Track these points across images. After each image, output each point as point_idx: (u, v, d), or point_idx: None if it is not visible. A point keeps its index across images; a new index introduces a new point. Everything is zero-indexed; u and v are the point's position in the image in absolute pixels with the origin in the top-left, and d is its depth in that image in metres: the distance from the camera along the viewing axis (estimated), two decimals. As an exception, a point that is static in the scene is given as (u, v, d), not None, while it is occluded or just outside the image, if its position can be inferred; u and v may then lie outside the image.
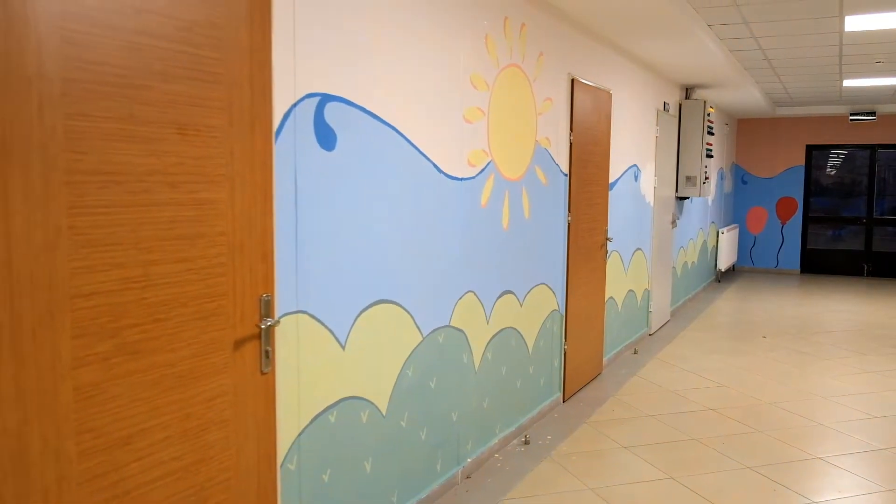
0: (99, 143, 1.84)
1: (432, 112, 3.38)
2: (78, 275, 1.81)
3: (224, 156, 2.21)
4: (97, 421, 1.89)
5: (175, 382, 2.10)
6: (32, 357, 1.72)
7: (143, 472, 2.02)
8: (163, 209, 2.03)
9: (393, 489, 3.25)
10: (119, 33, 1.88)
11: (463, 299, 3.76)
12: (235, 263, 2.28)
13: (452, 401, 3.72)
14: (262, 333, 2.40)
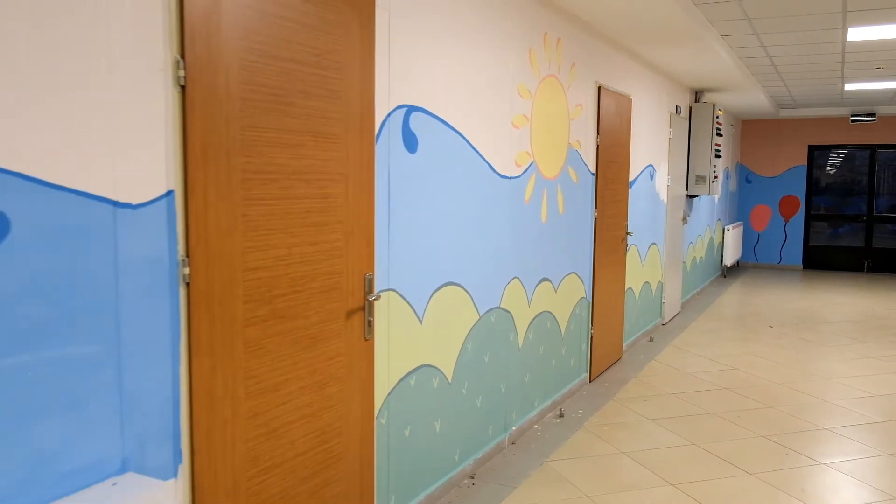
0: (262, 148, 2.32)
1: (488, 118, 3.86)
2: (247, 253, 2.30)
3: (342, 158, 2.70)
4: (257, 370, 2.37)
5: (307, 343, 2.59)
6: (220, 317, 2.20)
7: (285, 413, 2.50)
8: (301, 202, 2.51)
9: (456, 447, 3.73)
10: (276, 61, 2.36)
11: (510, 284, 4.25)
12: (348, 247, 2.76)
13: (501, 374, 4.20)
14: (366, 306, 2.88)
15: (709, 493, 3.69)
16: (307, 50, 2.49)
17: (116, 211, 1.90)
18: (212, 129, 2.13)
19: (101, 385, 1.88)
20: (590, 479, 3.86)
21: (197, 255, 2.11)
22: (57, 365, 1.77)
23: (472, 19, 3.66)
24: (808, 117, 12.54)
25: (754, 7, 5.20)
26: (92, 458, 1.87)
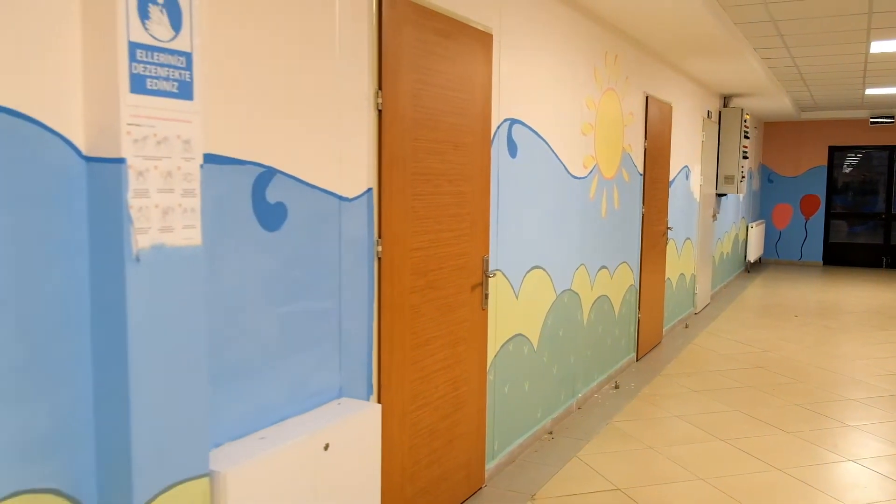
0: (422, 155, 3.01)
1: (564, 127, 4.53)
2: (413, 236, 2.98)
3: (471, 162, 3.38)
4: (417, 328, 3.06)
5: (446, 309, 3.27)
6: (397, 285, 2.89)
7: (433, 363, 3.19)
8: (444, 197, 3.20)
9: (538, 407, 4.41)
10: (431, 87, 3.05)
11: (578, 269, 4.92)
12: (473, 234, 3.45)
13: (570, 347, 4.87)
14: (483, 282, 3.57)
15: (754, 447, 4.34)
16: (448, 76, 3.18)
17: (341, 203, 2.59)
18: (395, 142, 2.82)
19: (330, 332, 2.58)
20: (650, 435, 4.53)
21: (385, 237, 2.80)
22: (308, 315, 2.47)
23: (554, 45, 4.33)
24: (829, 119, 13.12)
25: (787, 25, 5.85)
26: (324, 385, 2.57)
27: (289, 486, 2.18)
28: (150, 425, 1.77)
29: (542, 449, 4.27)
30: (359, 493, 2.50)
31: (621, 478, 3.87)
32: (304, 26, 2.37)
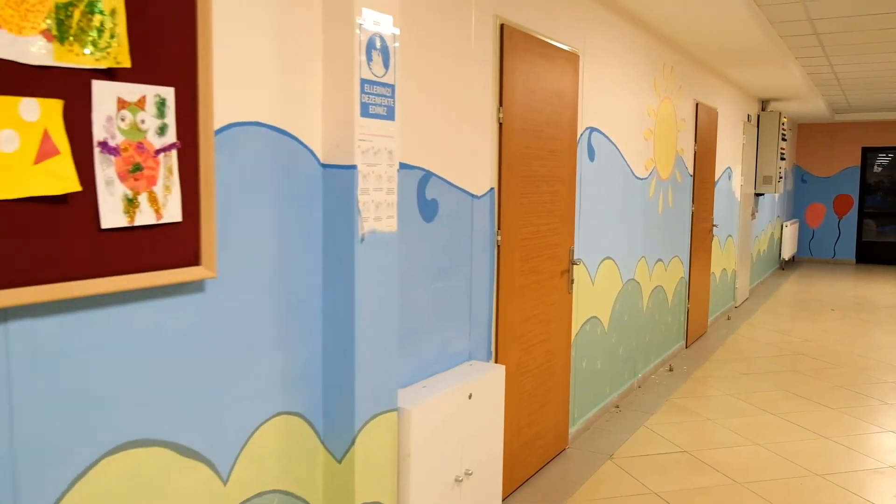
0: (528, 160, 3.57)
1: (629, 133, 5.07)
2: (521, 227, 3.54)
3: (561, 166, 3.94)
4: (523, 305, 3.62)
5: (543, 291, 3.83)
6: (510, 268, 3.46)
7: (533, 337, 3.75)
8: (542, 195, 3.75)
9: (607, 383, 4.95)
10: (533, 101, 3.60)
11: (640, 261, 5.45)
12: (562, 227, 4.00)
13: (632, 331, 5.40)
14: (569, 269, 4.12)
15: (801, 420, 4.85)
16: (546, 92, 3.73)
17: (473, 200, 3.16)
18: (510, 149, 3.39)
19: (463, 306, 3.15)
20: (706, 410, 5.05)
21: (502, 228, 3.36)
22: (450, 291, 3.04)
23: (623, 61, 4.87)
24: (862, 121, 13.48)
25: (829, 37, 6.32)
26: (459, 349, 3.14)
27: (447, 422, 2.76)
28: (365, 369, 2.35)
29: (612, 419, 4.81)
30: (489, 436, 3.07)
31: (686, 443, 4.40)
32: (451, 62, 2.94)
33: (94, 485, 1.71)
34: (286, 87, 2.16)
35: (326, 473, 2.39)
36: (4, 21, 1.42)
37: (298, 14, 2.18)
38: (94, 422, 1.70)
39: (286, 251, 2.20)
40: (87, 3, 1.56)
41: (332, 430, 2.37)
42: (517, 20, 3.43)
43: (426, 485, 2.66)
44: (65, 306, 1.62)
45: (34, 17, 1.47)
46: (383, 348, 2.43)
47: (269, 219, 2.13)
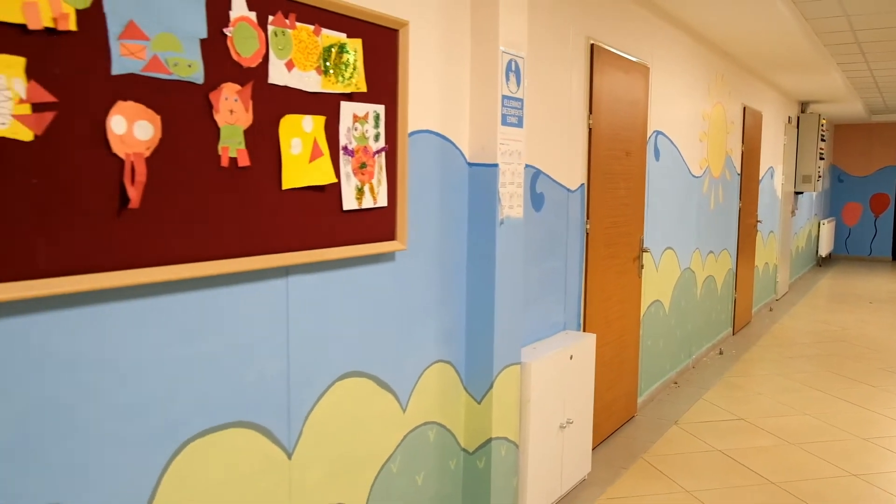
0: (608, 160, 4.13)
1: (687, 135, 5.60)
2: (604, 218, 4.11)
3: (634, 165, 4.49)
4: (604, 285, 4.18)
5: (619, 274, 4.39)
6: (596, 252, 4.02)
7: (611, 314, 4.31)
8: (618, 191, 4.31)
9: (667, 361, 5.49)
10: (614, 107, 4.16)
11: (695, 252, 5.98)
12: (634, 218, 4.55)
13: (688, 316, 5.93)
14: (640, 256, 4.67)
15: (845, 395, 5.34)
16: (623, 101, 4.29)
17: (569, 194, 3.73)
18: (597, 150, 3.95)
19: (560, 283, 3.72)
20: (758, 386, 5.56)
21: (591, 217, 3.93)
22: (550, 270, 3.61)
23: (683, 71, 5.41)
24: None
25: (869, 45, 6.79)
26: (556, 320, 3.71)
27: (554, 378, 3.33)
28: (501, 328, 2.93)
29: (672, 394, 5.35)
30: (584, 393, 3.64)
31: (741, 412, 4.92)
32: (553, 78, 3.52)
33: (329, 401, 2.31)
34: (445, 104, 2.74)
35: (468, 412, 2.98)
36: (298, 62, 2.03)
37: (455, 53, 2.77)
38: (330, 356, 2.30)
39: (444, 231, 2.79)
40: (339, 46, 2.16)
41: (473, 377, 2.95)
42: (602, 40, 4.00)
43: (540, 427, 3.24)
44: (319, 267, 2.22)
45: (312, 58, 2.07)
46: (513, 313, 3.01)
47: (434, 204, 2.72)
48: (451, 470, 2.94)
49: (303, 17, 2.03)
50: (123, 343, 1.69)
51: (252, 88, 1.90)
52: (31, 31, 1.44)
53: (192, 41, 1.74)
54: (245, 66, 1.88)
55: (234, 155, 1.87)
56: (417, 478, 2.74)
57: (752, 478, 3.85)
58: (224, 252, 1.87)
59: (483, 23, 2.80)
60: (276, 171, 2.00)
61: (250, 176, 1.92)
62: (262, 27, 1.92)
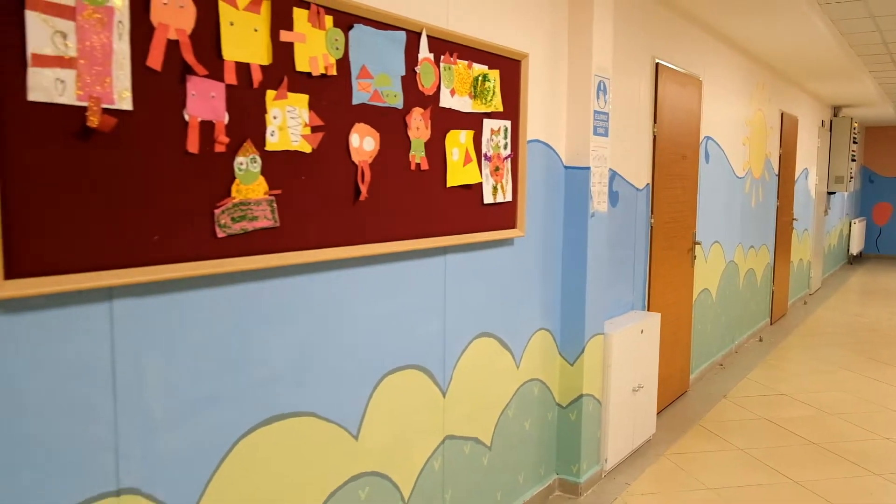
0: (669, 163, 4.72)
1: (732, 140, 6.16)
2: (664, 213, 4.70)
3: (689, 167, 5.07)
4: (664, 272, 4.77)
5: (675, 263, 4.97)
6: (658, 243, 4.61)
7: (668, 298, 4.89)
8: (677, 189, 4.90)
9: (713, 345, 6.06)
10: (673, 115, 4.76)
11: (738, 246, 6.54)
12: (688, 214, 5.13)
13: (731, 305, 6.49)
14: (693, 248, 5.25)
15: (879, 375, 5.87)
16: (681, 110, 4.88)
17: (637, 192, 4.33)
18: (660, 154, 4.55)
19: (628, 269, 4.32)
20: (796, 368, 6.11)
21: (654, 213, 4.53)
22: (621, 258, 4.21)
23: (729, 81, 5.98)
24: (929, 124, 14.16)
25: (901, 55, 7.29)
26: (625, 301, 4.31)
27: (629, 348, 3.94)
28: (591, 303, 3.54)
29: (718, 374, 5.92)
30: (651, 364, 4.23)
31: (783, 389, 5.48)
32: (626, 92, 4.13)
33: (469, 354, 2.93)
34: (548, 117, 3.36)
35: (562, 373, 3.59)
36: (458, 90, 2.65)
37: (555, 76, 3.38)
38: (471, 319, 2.93)
39: (546, 221, 3.40)
40: (483, 76, 2.79)
41: (567, 344, 3.57)
42: (664, 58, 4.60)
43: (618, 389, 3.85)
44: (466, 248, 2.85)
45: (466, 86, 2.70)
46: (599, 291, 3.62)
47: (540, 199, 3.34)
48: (549, 420, 3.56)
49: (461, 56, 2.66)
50: (346, 298, 2.33)
51: (430, 111, 2.53)
52: (312, 76, 2.08)
53: (396, 78, 2.38)
54: (426, 94, 2.51)
55: (419, 161, 2.50)
56: (525, 423, 3.37)
57: (795, 439, 4.42)
58: (409, 234, 2.50)
59: (579, 51, 3.41)
60: (442, 173, 2.63)
61: (427, 177, 2.56)
62: (437, 64, 2.55)
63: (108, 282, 1.63)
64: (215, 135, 1.82)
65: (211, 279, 1.89)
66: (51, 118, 1.51)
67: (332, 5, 2.11)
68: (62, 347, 1.59)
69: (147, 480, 1.78)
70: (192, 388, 1.87)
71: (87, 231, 1.58)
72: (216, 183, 1.84)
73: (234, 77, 1.85)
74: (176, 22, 1.71)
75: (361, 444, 2.42)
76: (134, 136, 1.66)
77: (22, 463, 1.53)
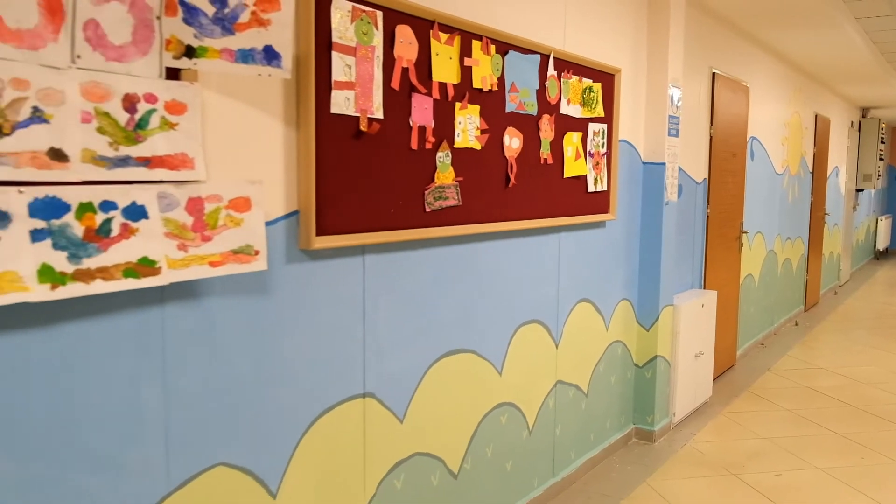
0: (721, 160, 5.34)
1: (773, 140, 6.77)
2: (718, 204, 5.32)
3: (737, 163, 5.69)
4: (716, 257, 5.39)
5: (726, 249, 5.60)
6: (713, 231, 5.24)
7: (720, 279, 5.52)
8: (728, 184, 5.51)
9: (756, 325, 6.67)
10: (727, 121, 5.38)
11: (777, 237, 7.14)
12: (736, 206, 5.75)
13: (770, 290, 7.09)
14: (740, 236, 5.87)
15: (908, 354, 6.46)
16: (732, 114, 5.50)
17: (696, 185, 4.97)
18: (715, 152, 5.18)
19: (688, 253, 4.95)
20: (832, 347, 6.70)
21: (710, 204, 5.16)
22: (684, 242, 4.84)
23: (770, 87, 6.59)
24: (954, 124, 14.60)
25: (929, 61, 7.85)
26: (686, 280, 4.95)
27: (692, 319, 4.57)
28: (664, 278, 4.18)
29: (760, 352, 6.53)
30: (708, 335, 4.87)
31: (820, 364, 6.08)
32: (688, 98, 4.76)
33: (574, 315, 3.59)
34: (631, 121, 4.01)
35: (639, 336, 4.24)
36: (572, 100, 3.31)
37: (635, 86, 4.03)
38: (575, 287, 3.58)
39: (628, 208, 4.05)
40: (590, 87, 3.44)
41: (643, 312, 4.21)
42: (719, 68, 5.23)
43: (684, 353, 4.49)
44: (572, 228, 3.50)
45: (578, 96, 3.36)
46: (670, 268, 4.26)
47: (624, 189, 3.98)
48: (628, 377, 4.20)
49: (574, 72, 3.32)
50: (497, 263, 2.99)
51: (554, 117, 3.19)
52: (482, 91, 2.74)
53: (532, 91, 3.04)
54: (551, 103, 3.17)
55: (546, 156, 3.16)
56: (612, 378, 4.02)
57: (834, 402, 5.03)
58: (538, 215, 3.16)
59: (657, 66, 4.06)
60: (560, 167, 3.28)
61: (551, 169, 3.21)
62: (559, 79, 3.21)
63: (363, 241, 2.30)
64: (426, 136, 2.49)
65: (419, 243, 2.56)
66: (342, 125, 2.18)
67: (495, 37, 2.78)
68: (339, 286, 2.27)
69: (379, 388, 2.45)
70: (405, 323, 2.54)
71: (354, 204, 2.26)
72: (425, 171, 2.51)
73: (437, 93, 2.52)
74: (407, 55, 2.39)
75: (504, 380, 3.08)
76: (382, 137, 2.33)
77: (304, 372, 2.20)
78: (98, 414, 1.67)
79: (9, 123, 1.44)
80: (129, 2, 1.61)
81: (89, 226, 1.57)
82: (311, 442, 2.21)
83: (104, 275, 1.59)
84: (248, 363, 2.00)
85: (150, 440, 1.78)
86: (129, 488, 1.74)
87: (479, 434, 2.96)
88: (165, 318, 1.80)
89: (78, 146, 1.55)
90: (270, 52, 1.79)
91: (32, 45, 1.47)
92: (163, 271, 1.69)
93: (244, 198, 1.84)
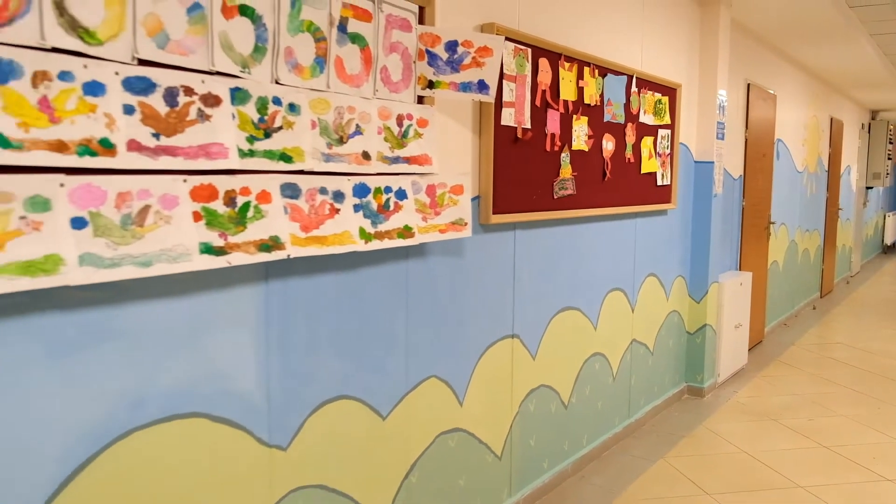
0: (753, 159, 6.14)
1: (794, 140, 7.55)
2: (751, 197, 6.11)
3: (766, 162, 6.48)
4: (748, 245, 6.19)
5: (756, 237, 6.38)
6: (748, 225, 6.03)
7: (752, 263, 6.31)
8: (759, 180, 6.30)
9: (780, 307, 7.45)
10: (758, 125, 6.17)
11: (797, 228, 7.93)
12: (765, 200, 6.53)
13: (796, 277, 7.87)
14: (768, 226, 6.66)
15: (917, 332, 7.24)
16: (762, 119, 6.29)
17: (733, 181, 5.76)
18: (749, 152, 5.97)
19: (728, 239, 5.74)
20: (849, 327, 7.48)
21: (745, 197, 5.95)
22: (722, 232, 5.64)
23: (794, 94, 7.37)
24: (958, 125, 15.34)
25: (935, 69, 8.62)
26: (725, 264, 5.74)
27: (733, 294, 5.36)
28: (712, 259, 4.97)
29: (784, 331, 7.32)
30: (745, 309, 5.66)
31: (839, 339, 6.87)
32: (730, 107, 5.56)
33: (644, 288, 4.39)
34: (687, 127, 4.80)
35: (691, 308, 5.03)
36: (646, 110, 4.11)
37: (689, 96, 4.82)
38: (642, 264, 4.37)
39: (684, 199, 4.84)
40: (659, 100, 4.24)
41: (694, 287, 5.00)
42: (753, 79, 6.02)
43: (726, 323, 5.28)
44: (645, 214, 4.30)
45: (650, 107, 4.16)
46: (716, 250, 5.05)
47: (681, 183, 4.78)
48: (682, 342, 5.00)
49: (649, 88, 4.11)
50: (594, 241, 3.78)
51: (635, 125, 3.99)
52: (590, 106, 3.54)
53: (621, 104, 3.83)
54: (633, 114, 3.97)
55: (629, 156, 3.96)
56: (670, 341, 4.81)
57: (853, 369, 5.82)
58: (624, 203, 3.96)
59: (707, 79, 4.85)
60: (638, 165, 4.08)
61: (632, 167, 4.01)
62: (639, 95, 4.01)
63: (515, 219, 3.10)
64: (555, 141, 3.29)
65: (548, 222, 3.36)
66: (507, 133, 2.98)
67: (598, 63, 3.58)
68: (500, 252, 3.07)
69: (522, 331, 3.25)
70: (537, 283, 3.34)
71: (512, 191, 3.05)
72: (554, 168, 3.31)
73: (563, 108, 3.32)
74: (545, 80, 3.19)
75: (598, 334, 3.88)
76: (530, 142, 3.13)
77: (479, 314, 3.00)
78: (372, 328, 2.47)
79: (346, 135, 2.24)
80: (401, 52, 2.42)
81: (380, 203, 2.37)
82: (483, 368, 3.01)
83: (388, 236, 2.39)
84: (450, 305, 2.80)
85: (398, 353, 2.58)
86: (385, 389, 2.54)
87: (581, 376, 3.76)
88: (409, 268, 2.60)
89: (375, 149, 2.35)
90: (482, 83, 2.59)
91: (357, 84, 2.27)
92: (416, 235, 2.49)
93: (460, 185, 2.64)
